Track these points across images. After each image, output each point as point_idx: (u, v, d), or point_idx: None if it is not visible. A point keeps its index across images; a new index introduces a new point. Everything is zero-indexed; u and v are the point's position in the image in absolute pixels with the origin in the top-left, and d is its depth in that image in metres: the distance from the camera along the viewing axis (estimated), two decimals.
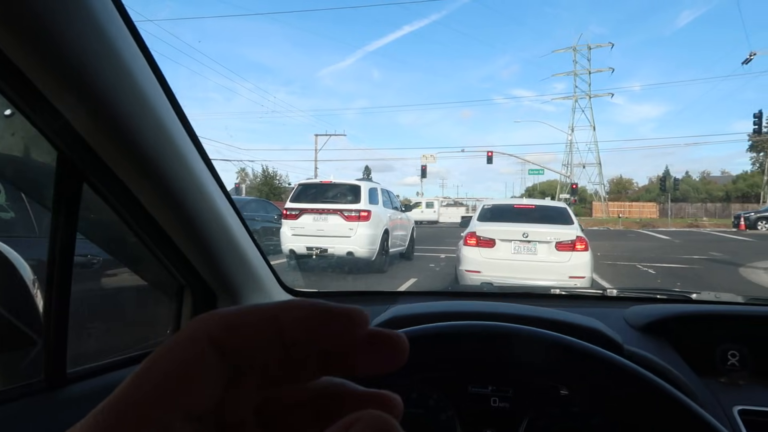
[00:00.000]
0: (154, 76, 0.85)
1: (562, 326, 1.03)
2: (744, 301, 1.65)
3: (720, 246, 19.03)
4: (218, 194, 1.10)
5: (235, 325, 0.25)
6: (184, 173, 0.96)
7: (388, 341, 0.26)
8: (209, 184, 1.06)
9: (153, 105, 0.84)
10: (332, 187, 11.38)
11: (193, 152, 0.99)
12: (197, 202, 1.02)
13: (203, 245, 1.11)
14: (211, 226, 1.09)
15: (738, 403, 1.00)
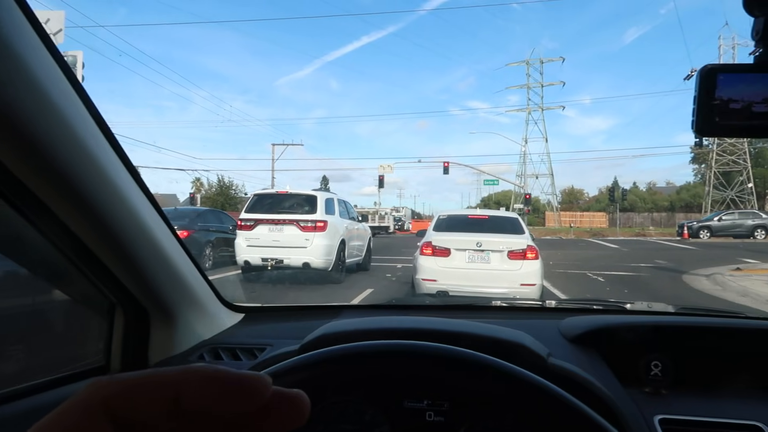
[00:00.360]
0: (69, 85, 0.81)
1: (486, 341, 1.04)
2: (674, 311, 1.71)
3: (665, 254, 19.76)
4: (146, 208, 1.07)
5: (131, 392, 0.24)
6: (105, 187, 0.92)
7: (289, 402, 0.27)
8: (135, 198, 1.02)
9: (68, 116, 0.80)
10: (288, 197, 11.27)
11: (116, 165, 0.96)
12: (122, 217, 0.98)
13: (131, 262, 1.07)
14: (138, 242, 1.05)
15: (659, 413, 1.03)
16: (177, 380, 0.24)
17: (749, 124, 0.69)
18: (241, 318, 1.61)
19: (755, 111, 0.69)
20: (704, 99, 0.69)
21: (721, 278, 11.80)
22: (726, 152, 56.44)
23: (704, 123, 0.70)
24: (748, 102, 0.69)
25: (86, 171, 0.86)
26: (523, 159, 65.25)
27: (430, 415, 1.05)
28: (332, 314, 1.61)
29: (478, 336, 1.05)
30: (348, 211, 12.64)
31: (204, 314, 1.40)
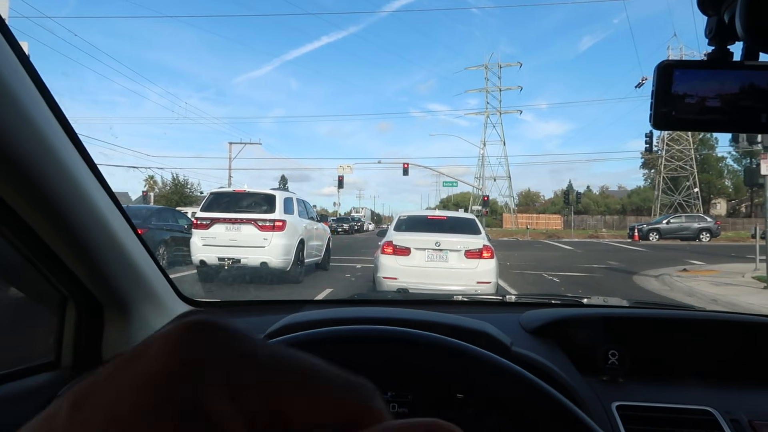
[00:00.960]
0: (18, 62, 0.78)
1: (454, 330, 1.05)
2: (628, 305, 1.77)
3: (617, 255, 20.39)
4: (103, 199, 1.03)
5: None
6: (57, 173, 0.88)
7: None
8: (91, 188, 0.98)
9: (17, 96, 0.77)
10: (246, 196, 11.09)
11: (71, 153, 0.92)
12: (76, 206, 0.94)
13: (85, 253, 1.03)
14: (93, 233, 1.01)
15: (616, 400, 1.06)
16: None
17: (703, 119, 0.72)
18: None
19: (708, 106, 0.71)
20: (661, 93, 0.72)
21: (669, 279, 12.25)
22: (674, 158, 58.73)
23: (661, 117, 0.72)
24: (702, 97, 0.71)
25: (37, 155, 0.83)
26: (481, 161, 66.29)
27: (394, 407, 1.05)
28: (294, 308, 1.59)
29: (441, 324, 1.05)
30: (307, 210, 12.55)
31: (161, 308, 1.36)
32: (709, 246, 28.19)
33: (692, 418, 1.03)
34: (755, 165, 11.63)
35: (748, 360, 1.29)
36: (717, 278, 12.32)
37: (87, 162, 0.98)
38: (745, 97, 0.71)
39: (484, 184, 60.87)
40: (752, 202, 58.94)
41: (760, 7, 0.57)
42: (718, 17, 0.69)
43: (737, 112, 0.71)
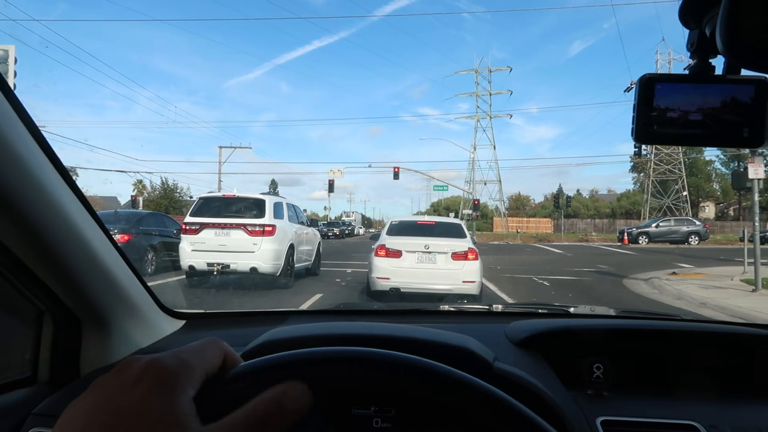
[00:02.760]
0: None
1: (432, 346, 1.04)
2: (615, 314, 1.76)
3: (607, 259, 20.50)
4: (77, 210, 1.01)
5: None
6: (32, 189, 0.86)
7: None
8: (64, 198, 0.96)
9: None
10: (236, 200, 11.02)
11: (42, 163, 0.89)
12: (48, 218, 0.92)
13: (59, 267, 1.00)
14: (67, 245, 0.99)
15: (601, 414, 1.05)
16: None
17: (685, 133, 0.71)
18: (182, 325, 1.55)
19: (691, 120, 0.71)
20: (643, 107, 0.71)
21: (659, 282, 12.32)
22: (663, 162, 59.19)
23: (643, 131, 0.72)
24: (684, 111, 0.71)
25: (8, 169, 0.80)
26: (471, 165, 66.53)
27: (377, 422, 1.03)
28: (278, 320, 1.57)
29: (423, 341, 1.04)
30: (297, 215, 12.51)
31: (141, 321, 1.33)
32: (697, 249, 28.42)
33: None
34: (743, 169, 11.73)
35: (733, 372, 1.28)
36: (706, 281, 12.41)
37: (59, 170, 0.95)
38: (727, 111, 0.70)
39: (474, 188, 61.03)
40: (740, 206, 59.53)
41: (740, 23, 0.56)
42: (699, 31, 0.68)
43: (719, 126, 0.70)
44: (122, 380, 0.45)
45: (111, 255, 1.15)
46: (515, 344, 1.27)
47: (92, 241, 1.06)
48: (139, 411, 0.43)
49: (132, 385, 0.45)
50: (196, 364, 0.49)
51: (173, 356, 0.48)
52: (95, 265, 1.08)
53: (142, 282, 1.33)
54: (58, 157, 0.95)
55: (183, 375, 0.47)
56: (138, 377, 0.45)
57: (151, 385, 0.44)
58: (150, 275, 11.77)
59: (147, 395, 0.44)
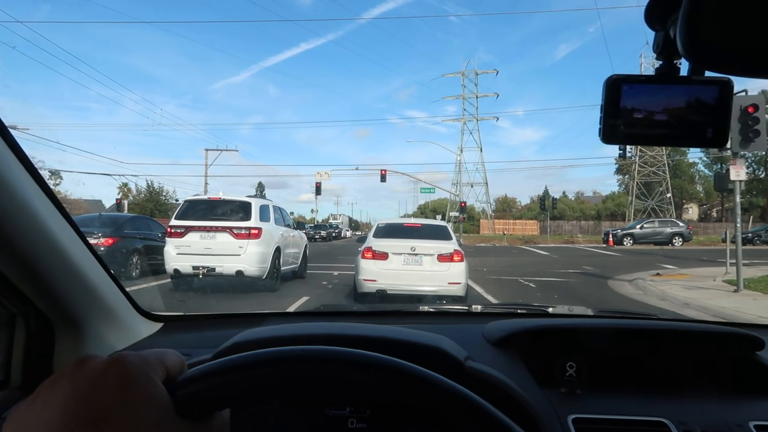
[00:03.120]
0: None
1: (403, 345, 1.04)
2: (593, 313, 1.77)
3: (592, 260, 20.65)
4: (49, 212, 1.00)
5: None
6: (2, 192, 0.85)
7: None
8: (35, 201, 0.95)
9: None
10: (221, 203, 10.95)
11: (12, 164, 0.88)
12: (20, 221, 0.91)
13: (31, 270, 0.99)
14: (39, 248, 0.97)
15: (573, 412, 1.06)
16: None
17: (651, 133, 0.72)
18: (159, 327, 1.54)
19: (656, 120, 0.72)
20: (610, 108, 0.72)
21: (643, 283, 12.43)
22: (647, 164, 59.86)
23: (609, 131, 0.72)
24: (650, 112, 0.72)
25: None
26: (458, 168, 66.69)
27: (353, 422, 1.04)
28: (256, 322, 1.56)
29: (394, 340, 1.04)
30: (284, 218, 12.46)
31: (117, 324, 1.32)
32: (681, 250, 28.73)
33: (647, 429, 1.03)
34: (725, 171, 11.89)
35: (704, 369, 1.30)
36: (689, 282, 12.54)
37: (30, 172, 0.94)
38: (691, 112, 0.71)
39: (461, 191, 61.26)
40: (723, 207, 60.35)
41: (698, 26, 0.57)
42: (664, 33, 0.69)
43: (684, 126, 0.71)
44: (86, 377, 0.45)
45: (85, 257, 1.14)
46: (492, 344, 1.28)
47: (65, 244, 1.05)
48: (118, 403, 0.43)
49: (98, 379, 0.44)
50: (157, 363, 0.49)
51: (135, 355, 0.48)
52: (68, 268, 1.07)
53: (118, 284, 1.32)
54: (29, 159, 0.94)
55: (148, 370, 0.47)
56: (102, 373, 0.45)
57: (119, 379, 0.44)
58: (135, 279, 11.66)
59: (119, 388, 0.44)
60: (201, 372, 0.51)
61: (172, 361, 0.51)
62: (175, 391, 0.48)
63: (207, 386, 0.50)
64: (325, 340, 1.02)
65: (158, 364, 0.49)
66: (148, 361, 0.48)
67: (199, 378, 0.50)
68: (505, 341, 1.27)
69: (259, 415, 1.04)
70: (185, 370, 0.52)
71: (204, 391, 0.50)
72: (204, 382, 0.50)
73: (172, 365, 0.51)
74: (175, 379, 0.50)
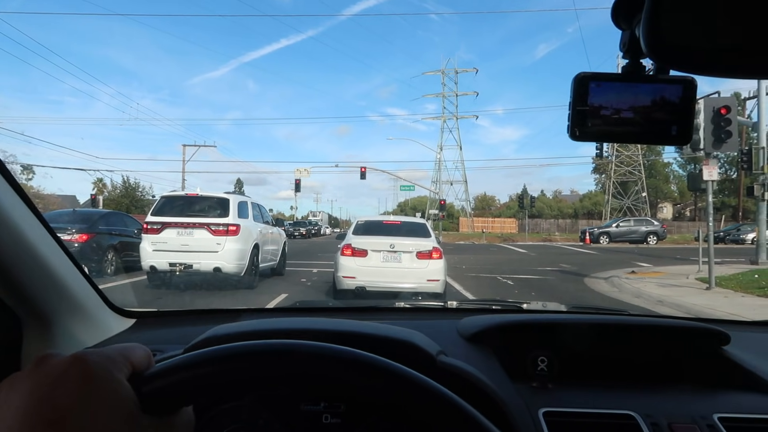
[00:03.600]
0: None
1: (375, 340, 1.05)
2: (566, 309, 1.80)
3: (569, 258, 20.92)
4: (16, 207, 0.98)
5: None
6: None
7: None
8: (2, 197, 0.93)
9: None
10: (199, 200, 10.84)
11: None
12: None
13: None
14: (6, 244, 0.96)
15: (543, 406, 1.08)
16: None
17: (617, 130, 0.74)
18: (131, 324, 1.52)
19: (623, 117, 0.73)
20: (577, 105, 0.73)
21: (618, 281, 12.63)
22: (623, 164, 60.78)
23: (577, 128, 0.73)
24: (616, 109, 0.73)
25: None
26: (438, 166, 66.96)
27: (327, 417, 1.04)
28: (231, 318, 1.55)
29: (366, 335, 1.05)
30: (262, 214, 12.38)
31: (87, 320, 1.30)
32: (656, 249, 29.24)
33: (615, 422, 1.05)
34: (698, 171, 12.12)
35: (670, 363, 1.33)
36: (663, 280, 12.78)
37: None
38: (657, 110, 0.72)
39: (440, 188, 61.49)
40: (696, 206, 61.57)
41: (660, 25, 0.58)
42: (630, 31, 0.70)
43: (650, 124, 0.73)
44: (47, 375, 0.44)
45: (54, 252, 1.12)
46: (465, 339, 1.29)
47: (33, 239, 1.03)
48: (80, 403, 0.42)
49: (59, 378, 0.43)
50: (122, 359, 0.48)
51: (97, 353, 0.47)
52: (36, 263, 1.05)
53: (89, 280, 1.30)
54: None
55: (111, 367, 0.46)
56: (63, 372, 0.44)
57: (81, 379, 0.44)
58: (110, 276, 11.49)
59: (81, 388, 0.43)
60: (167, 366, 0.50)
61: (138, 356, 0.50)
62: (140, 386, 0.48)
63: (173, 381, 0.50)
64: (297, 334, 1.02)
65: (123, 361, 0.48)
66: (111, 357, 0.47)
67: (165, 373, 0.50)
68: (479, 336, 1.28)
69: (231, 411, 1.03)
70: (152, 365, 0.52)
71: (170, 386, 0.49)
72: (170, 377, 0.50)
73: (138, 360, 0.50)
74: (141, 375, 0.49)
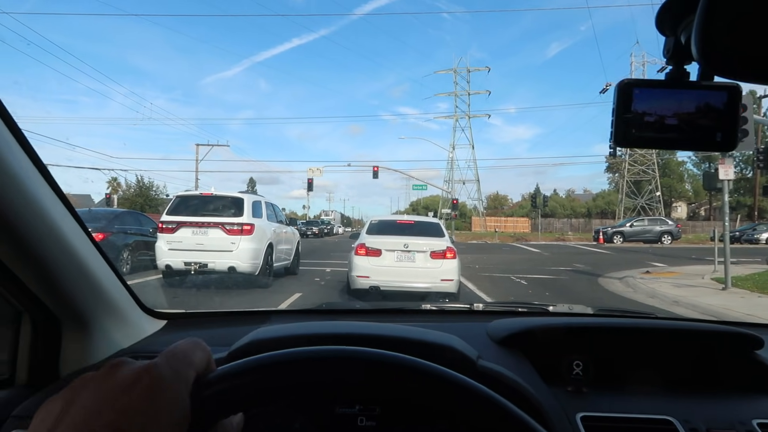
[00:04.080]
0: None
1: (418, 345, 1.05)
2: (593, 312, 1.80)
3: (583, 258, 20.78)
4: (56, 208, 0.99)
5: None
6: (9, 185, 0.85)
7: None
8: (44, 197, 0.95)
9: None
10: (213, 199, 10.91)
11: (21, 160, 0.88)
12: (28, 217, 0.91)
13: (39, 267, 0.99)
14: (46, 244, 0.97)
15: (581, 410, 1.08)
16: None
17: (662, 137, 0.74)
18: (163, 325, 1.54)
19: (667, 124, 0.73)
20: (621, 112, 0.73)
21: (633, 281, 12.53)
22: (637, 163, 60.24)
23: (621, 135, 0.74)
24: (660, 116, 0.73)
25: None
26: (450, 165, 66.81)
27: (362, 420, 1.04)
28: (260, 320, 1.57)
29: (407, 339, 1.05)
30: (276, 214, 12.43)
31: (122, 321, 1.32)
32: (670, 248, 28.95)
33: (654, 428, 1.05)
34: (713, 170, 12.00)
35: (705, 368, 1.32)
36: (678, 280, 12.66)
37: (38, 168, 0.94)
38: (701, 116, 0.72)
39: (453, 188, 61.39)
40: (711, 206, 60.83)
41: (713, 33, 0.58)
42: (675, 38, 0.70)
43: (694, 130, 0.73)
44: (117, 381, 0.46)
45: (91, 255, 1.14)
46: (496, 342, 1.29)
47: (72, 241, 1.05)
48: (144, 412, 0.44)
49: (129, 386, 0.45)
50: (187, 371, 0.49)
51: (166, 364, 0.48)
52: (75, 265, 1.07)
53: (122, 282, 1.32)
54: (37, 154, 0.94)
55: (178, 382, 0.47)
56: (134, 380, 0.46)
57: (149, 389, 0.45)
58: (126, 275, 11.59)
59: (148, 398, 0.44)
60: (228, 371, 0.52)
61: (200, 359, 0.52)
62: (201, 390, 0.49)
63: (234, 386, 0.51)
64: (340, 339, 1.03)
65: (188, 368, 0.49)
66: (179, 373, 0.48)
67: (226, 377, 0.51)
68: (510, 340, 1.28)
69: (266, 414, 1.04)
70: (213, 367, 0.53)
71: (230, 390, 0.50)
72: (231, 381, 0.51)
73: (200, 363, 0.51)
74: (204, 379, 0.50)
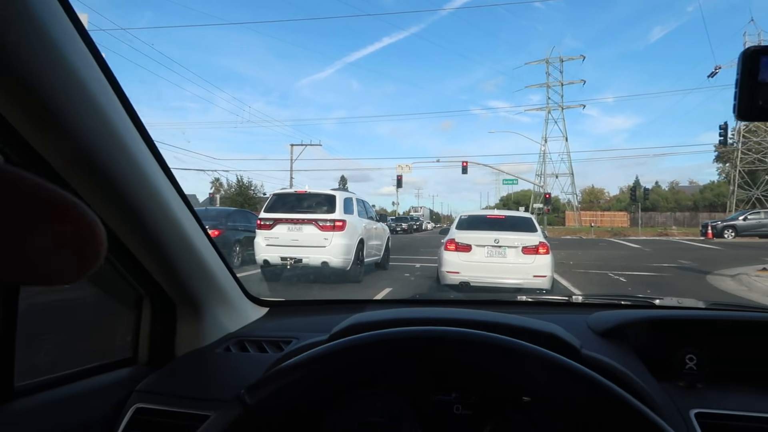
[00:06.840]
0: (106, 81, 0.82)
1: (520, 331, 1.02)
2: (705, 306, 1.67)
3: (688, 254, 19.43)
4: (177, 204, 1.08)
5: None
6: (139, 182, 0.93)
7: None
8: (167, 194, 1.03)
9: (104, 111, 0.81)
10: (307, 197, 11.29)
11: (150, 161, 0.96)
12: (154, 212, 0.99)
13: (161, 255, 1.08)
14: (169, 237, 1.06)
15: (695, 407, 1.01)
16: None
17: None
18: (266, 312, 1.62)
19: None
20: (747, 81, 0.67)
21: (747, 279, 11.57)
22: (751, 151, 55.38)
23: (747, 106, 0.68)
24: None
25: (120, 163, 0.87)
26: (542, 158, 64.85)
27: (458, 408, 1.04)
28: (357, 308, 1.60)
29: (510, 326, 1.03)
30: (366, 210, 12.64)
31: (230, 307, 1.40)
32: None
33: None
34: None
35: None
36: None
37: (162, 166, 1.02)
38: None
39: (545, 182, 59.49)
40: None
41: None
42: None
43: None
44: None
45: (205, 246, 1.22)
46: (598, 334, 1.24)
47: (189, 232, 1.13)
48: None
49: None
50: None
51: None
52: (191, 254, 1.15)
53: (230, 271, 1.40)
54: (160, 151, 1.01)
55: None
56: None
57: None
58: (236, 267, 12.28)
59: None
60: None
61: None
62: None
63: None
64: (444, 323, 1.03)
65: None
66: None
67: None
68: (614, 332, 1.22)
69: (367, 398, 1.06)
70: None
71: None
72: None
73: None
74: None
